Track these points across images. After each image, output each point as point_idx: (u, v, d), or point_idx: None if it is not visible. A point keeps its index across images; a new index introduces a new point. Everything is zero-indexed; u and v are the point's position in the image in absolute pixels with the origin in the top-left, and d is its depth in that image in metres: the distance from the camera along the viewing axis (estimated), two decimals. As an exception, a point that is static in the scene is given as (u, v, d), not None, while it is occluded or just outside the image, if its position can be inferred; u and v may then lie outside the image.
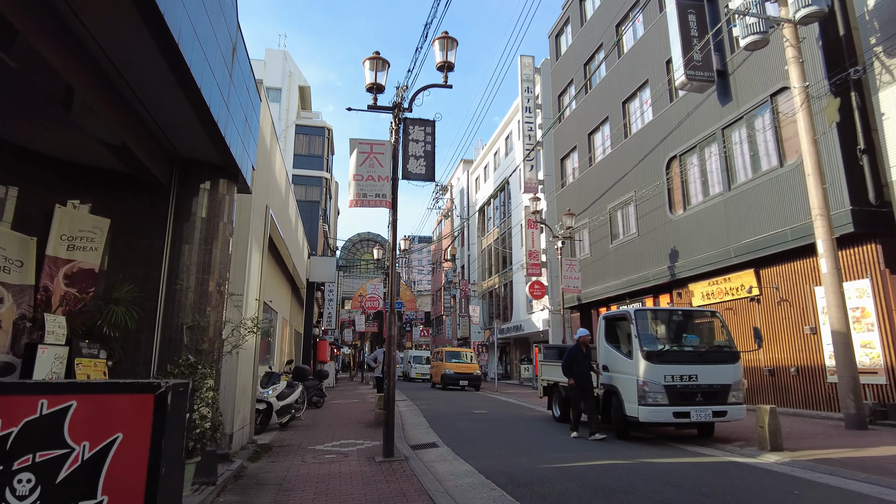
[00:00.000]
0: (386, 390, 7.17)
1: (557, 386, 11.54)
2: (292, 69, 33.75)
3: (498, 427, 10.82)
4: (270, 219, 10.04)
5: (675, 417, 8.21)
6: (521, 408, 15.05)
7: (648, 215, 18.42)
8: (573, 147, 24.72)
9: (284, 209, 12.87)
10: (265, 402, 10.08)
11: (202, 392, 5.05)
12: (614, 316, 9.78)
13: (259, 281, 9.29)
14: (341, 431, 10.26)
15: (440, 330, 53.92)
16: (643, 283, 18.32)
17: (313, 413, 13.72)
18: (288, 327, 18.10)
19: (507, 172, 33.82)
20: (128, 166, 5.70)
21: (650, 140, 18.52)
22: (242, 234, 8.26)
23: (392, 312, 7.46)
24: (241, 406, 8.21)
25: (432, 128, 8.24)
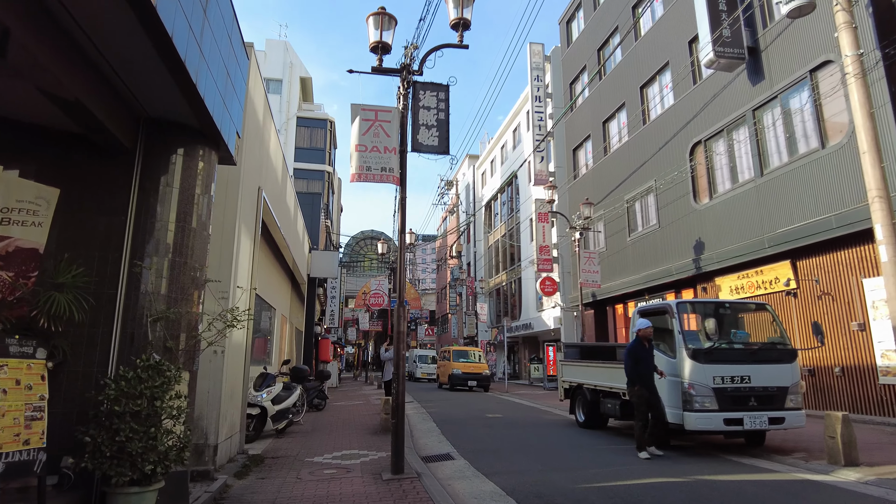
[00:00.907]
0: (394, 395, 6.12)
1: (581, 388, 10.48)
2: (293, 60, 32.76)
3: (518, 434, 9.76)
4: (263, 202, 9.01)
5: (726, 425, 7.14)
6: (538, 411, 13.99)
7: (670, 205, 17.32)
8: (586, 136, 23.63)
9: (281, 196, 11.84)
10: (259, 406, 9.06)
11: (165, 401, 4.00)
12: (650, 310, 8.72)
13: (250, 270, 8.27)
14: (344, 439, 9.22)
15: (445, 329, 52.87)
16: (665, 277, 17.22)
17: (314, 417, 12.70)
18: (288, 325, 17.08)
19: (514, 166, 32.74)
20: (81, 125, 4.67)
21: (671, 125, 17.42)
22: (230, 215, 7.24)
23: (400, 305, 6.42)
24: (228, 412, 7.18)
25: (446, 93, 7.19)
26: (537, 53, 27.42)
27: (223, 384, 6.84)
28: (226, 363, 6.90)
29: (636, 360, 7.53)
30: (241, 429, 8.03)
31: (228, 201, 7.29)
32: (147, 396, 3.85)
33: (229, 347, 7.07)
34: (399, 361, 6.26)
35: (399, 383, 6.18)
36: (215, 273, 6.90)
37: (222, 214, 7.19)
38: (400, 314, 6.39)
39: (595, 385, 9.96)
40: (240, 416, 7.96)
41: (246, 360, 8.12)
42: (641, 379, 7.53)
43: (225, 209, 7.24)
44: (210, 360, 6.77)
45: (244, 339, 7.97)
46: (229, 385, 7.18)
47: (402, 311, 6.38)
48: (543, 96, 26.85)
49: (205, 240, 5.45)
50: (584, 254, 15.88)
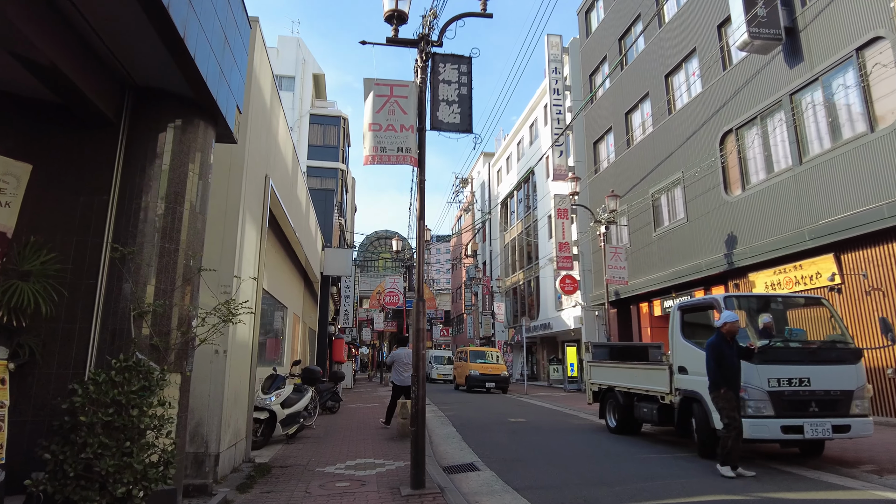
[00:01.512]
0: (414, 401, 5.45)
1: (613, 391, 9.74)
2: (306, 57, 32.29)
3: (546, 441, 9.05)
4: (271, 191, 8.40)
5: (784, 433, 6.37)
6: (563, 415, 13.24)
7: (699, 198, 16.48)
8: (608, 129, 22.82)
9: (291, 188, 11.25)
10: (267, 410, 8.45)
11: (146, 409, 3.36)
12: (694, 305, 7.96)
13: (256, 263, 7.66)
14: (358, 446, 8.58)
15: (460, 329, 52.15)
16: (694, 273, 16.38)
17: (327, 420, 12.09)
18: (300, 324, 16.53)
19: (531, 162, 31.95)
20: (58, 94, 4.08)
21: (699, 114, 16.59)
22: (233, 201, 6.63)
23: (420, 299, 5.75)
24: (232, 418, 6.57)
25: (468, 66, 6.51)
26: (555, 45, 26.63)
27: (226, 387, 6.23)
28: (229, 364, 6.29)
29: (719, 360, 6.30)
30: (248, 435, 7.42)
31: (231, 187, 6.69)
32: (123, 404, 3.22)
33: (233, 347, 6.46)
34: (419, 362, 5.58)
35: (419, 387, 5.51)
36: (216, 265, 6.30)
37: (224, 201, 6.59)
38: (419, 309, 5.73)
39: (629, 388, 9.22)
40: (246, 422, 7.35)
41: (252, 361, 7.50)
42: (727, 381, 6.27)
43: (227, 195, 6.64)
44: (211, 360, 6.17)
45: (250, 337, 7.36)
46: (233, 388, 6.57)
47: (420, 307, 5.72)
48: (562, 89, 26.05)
49: (200, 225, 4.83)
50: (610, 249, 15.10)
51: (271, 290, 11.19)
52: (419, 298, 5.75)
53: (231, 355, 6.40)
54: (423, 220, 5.99)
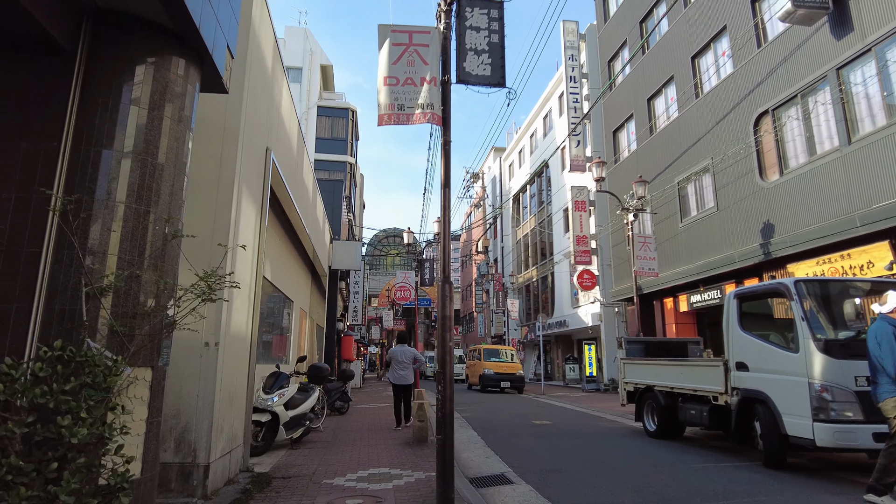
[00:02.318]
0: (440, 403, 4.51)
1: (652, 391, 8.77)
2: (313, 47, 31.46)
3: (579, 447, 8.09)
4: (273, 167, 7.50)
5: (877, 441, 5.37)
6: (590, 417, 12.27)
7: (731, 185, 15.44)
8: (628, 116, 21.79)
9: (296, 168, 10.36)
10: (268, 412, 7.55)
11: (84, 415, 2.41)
12: (755, 292, 6.98)
13: (256, 245, 6.76)
14: (371, 451, 7.66)
15: (471, 328, 51.20)
16: (725, 265, 15.34)
17: (336, 421, 11.19)
18: (308, 320, 15.65)
19: (546, 154, 30.97)
20: (-7, 10, 3.17)
21: (730, 96, 15.55)
22: (227, 171, 5.74)
23: (446, 280, 4.82)
24: (226, 422, 5.66)
25: (499, 11, 5.57)
26: (571, 32, 25.63)
27: (218, 386, 5.33)
28: (221, 359, 5.39)
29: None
30: (246, 441, 6.52)
31: (226, 153, 5.79)
32: (50, 408, 2.30)
33: (226, 339, 5.56)
34: (445, 356, 4.64)
35: (446, 386, 4.57)
36: (207, 244, 5.41)
37: (217, 168, 5.70)
38: (445, 293, 4.79)
39: (672, 387, 8.25)
40: (243, 426, 6.45)
41: (251, 356, 6.60)
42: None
43: (221, 162, 5.74)
44: (200, 354, 5.27)
45: (248, 328, 6.46)
46: (227, 387, 5.67)
47: (447, 289, 4.78)
48: (579, 76, 25.05)
49: (178, 184, 3.92)
50: (639, 238, 14.10)
51: (276, 282, 10.31)
52: (445, 279, 4.81)
53: (225, 349, 5.50)
54: (448, 187, 5.06)
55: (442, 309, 4.75)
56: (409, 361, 10.24)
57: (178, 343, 5.25)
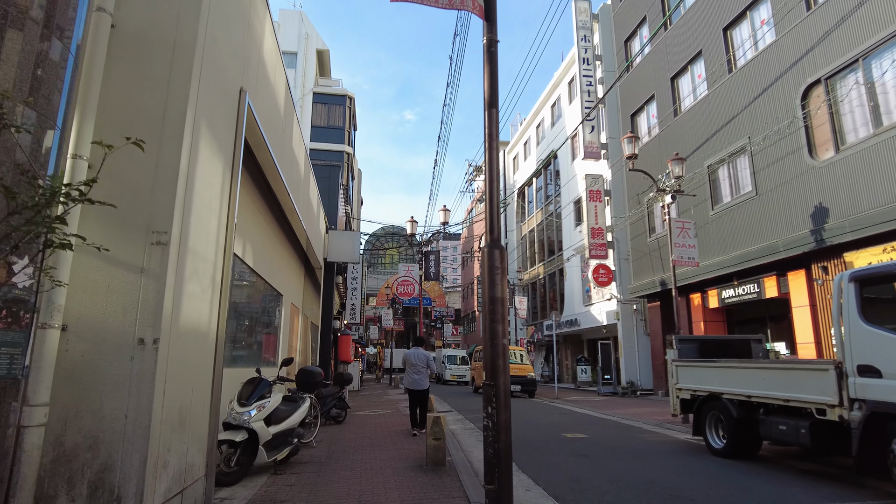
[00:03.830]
0: (490, 435, 2.88)
1: (719, 400, 7.15)
2: (309, 31, 29.84)
3: (640, 473, 6.46)
4: (250, 115, 5.87)
5: None
6: (626, 427, 10.64)
7: (772, 166, 13.84)
8: (648, 98, 20.19)
9: (284, 133, 8.73)
10: (244, 429, 5.90)
11: None
12: (881, 274, 5.33)
13: (224, 211, 5.11)
14: (375, 479, 6.02)
15: (472, 328, 49.60)
16: (767, 255, 13.75)
17: (331, 433, 9.56)
18: (300, 317, 14.00)
19: (554, 144, 29.37)
20: None
21: (772, 68, 13.96)
22: (176, 97, 4.12)
23: (495, 244, 3.20)
24: (172, 451, 4.01)
25: None
26: (584, 11, 24.05)
27: (159, 401, 3.69)
28: (166, 362, 3.76)
29: None
30: (209, 472, 4.86)
31: (176, 77, 4.16)
32: None
33: (173, 333, 3.92)
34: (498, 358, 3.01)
35: (499, 408, 2.95)
36: (145, 197, 3.81)
37: (162, 95, 4.07)
38: (492, 262, 3.17)
39: (749, 396, 6.62)
40: (205, 452, 4.80)
41: (217, 358, 4.95)
42: None
43: (169, 88, 4.10)
44: (131, 356, 3.63)
45: (211, 320, 4.82)
46: (176, 401, 4.03)
47: (497, 257, 3.16)
48: (592, 58, 23.46)
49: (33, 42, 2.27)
50: (677, 223, 12.48)
51: (260, 270, 8.67)
52: (492, 243, 3.19)
53: (172, 348, 3.87)
54: (496, 107, 3.43)
55: (490, 287, 3.13)
56: (424, 365, 9.58)
57: (95, 339, 3.61)
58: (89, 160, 3.76)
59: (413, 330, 51.21)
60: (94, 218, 3.72)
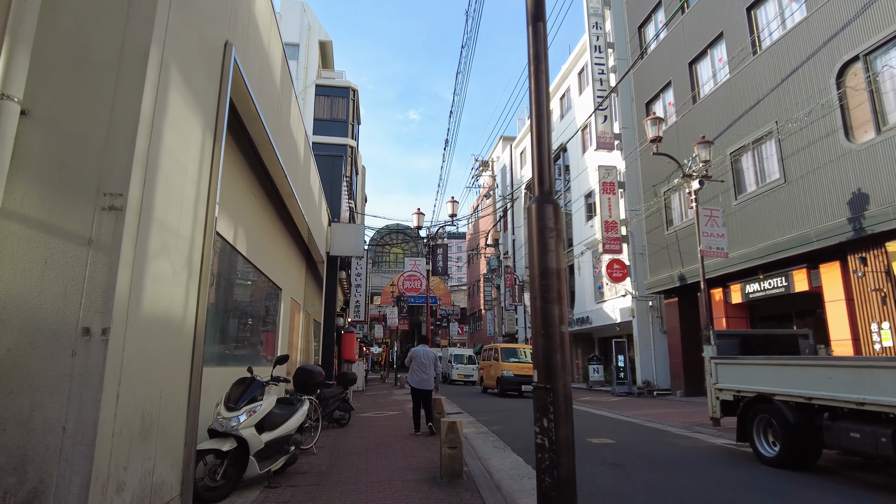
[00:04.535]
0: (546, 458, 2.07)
1: (770, 402, 6.32)
2: (311, 22, 29.10)
3: (682, 485, 5.64)
4: (237, 73, 5.07)
5: None
6: (654, 431, 9.81)
7: (803, 151, 12.98)
8: (664, 84, 19.33)
9: (280, 107, 7.94)
10: (232, 437, 5.11)
11: None
12: None
13: (207, 181, 4.33)
14: (382, 492, 5.23)
15: (478, 326, 48.77)
16: (797, 246, 12.88)
17: (334, 437, 8.77)
18: (301, 314, 13.23)
19: (563, 137, 28.51)
20: None
21: (801, 47, 13.10)
22: (136, 37, 3.31)
23: (546, 198, 2.38)
24: (129, 469, 3.22)
25: None
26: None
27: (109, 407, 2.90)
28: (120, 358, 2.97)
29: None
30: (185, 490, 4.08)
31: (137, 10, 3.35)
32: None
33: (131, 322, 3.13)
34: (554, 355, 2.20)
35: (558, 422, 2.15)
36: (94, 145, 3.02)
37: (119, 33, 3.28)
38: (546, 223, 2.36)
39: (810, 398, 5.79)
40: (181, 466, 4.01)
41: (195, 353, 4.17)
42: None
43: (128, 24, 3.31)
44: (73, 351, 2.86)
45: (186, 308, 4.03)
46: (137, 407, 3.24)
47: (549, 214, 2.36)
48: (604, 46, 22.60)
49: None
50: (704, 211, 11.63)
51: (254, 259, 7.89)
52: (542, 197, 2.39)
53: (126, 340, 3.07)
54: (542, 21, 2.63)
55: (541, 255, 2.34)
56: (431, 364, 9.30)
57: (25, 329, 2.83)
58: (22, 103, 2.97)
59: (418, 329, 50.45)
60: (28, 175, 2.93)
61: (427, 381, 9.16)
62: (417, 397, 9.29)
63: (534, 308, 2.36)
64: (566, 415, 2.20)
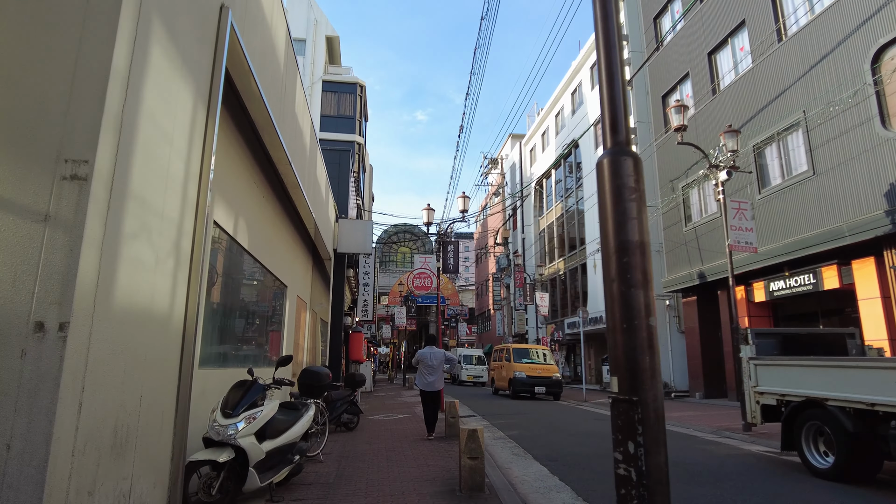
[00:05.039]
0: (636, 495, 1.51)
1: (823, 408, 5.72)
2: (318, 17, 28.63)
3: (738, 501, 5.05)
4: (234, 40, 4.54)
5: None
6: (684, 437, 9.21)
7: (834, 141, 12.34)
8: (682, 76, 18.70)
9: (285, 95, 7.42)
10: (230, 446, 4.57)
11: None
12: None
13: (199, 158, 3.79)
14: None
15: (487, 327, 48.18)
16: (828, 241, 12.24)
17: (342, 442, 8.23)
18: (307, 313, 12.71)
19: (576, 133, 27.90)
20: None
21: (832, 32, 12.46)
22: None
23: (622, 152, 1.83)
24: (96, 490, 2.68)
25: None
26: (608, -12, 22.52)
27: (69, 419, 2.37)
28: (78, 359, 2.43)
29: None
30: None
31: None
32: None
33: (103, 316, 2.60)
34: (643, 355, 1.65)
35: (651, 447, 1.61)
36: (54, 106, 2.48)
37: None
38: (621, 182, 1.81)
39: (871, 404, 5.19)
40: (167, 484, 3.48)
41: (184, 353, 3.64)
42: None
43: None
44: (23, 351, 2.31)
45: (174, 296, 3.50)
46: (107, 418, 2.70)
47: (632, 169, 1.80)
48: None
49: None
50: (732, 203, 11.01)
51: (257, 253, 7.36)
52: (617, 149, 1.84)
53: (92, 337, 2.53)
54: None
55: (618, 223, 1.78)
56: (439, 365, 9.08)
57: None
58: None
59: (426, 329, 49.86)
60: None
61: (434, 383, 8.98)
62: (427, 400, 9.04)
63: (609, 295, 1.81)
64: (658, 437, 1.66)
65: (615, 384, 1.74)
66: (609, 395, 1.80)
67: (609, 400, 1.99)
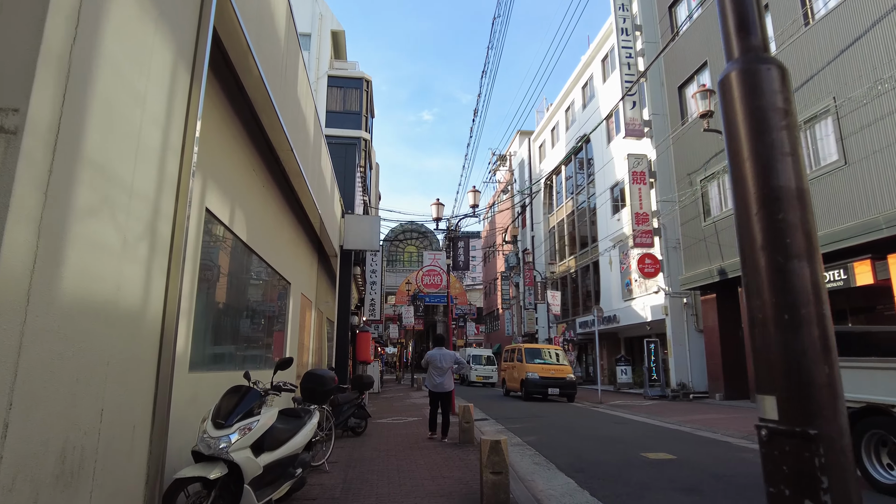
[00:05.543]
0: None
1: (890, 415, 5.09)
2: (323, 11, 28.16)
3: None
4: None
5: None
6: (712, 443, 8.59)
7: (866, 129, 11.66)
8: (699, 66, 18.02)
9: (287, 76, 6.86)
10: (222, 461, 4.00)
11: None
12: None
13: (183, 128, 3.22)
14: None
15: (496, 326, 47.56)
16: (861, 234, 11.56)
17: (349, 449, 7.67)
18: (313, 311, 12.16)
19: (587, 127, 27.24)
20: None
21: (864, 13, 11.78)
22: None
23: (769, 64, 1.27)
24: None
25: None
26: (621, -23, 21.90)
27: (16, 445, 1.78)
28: (4, 367, 1.85)
29: None
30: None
31: None
32: None
33: (43, 310, 2.00)
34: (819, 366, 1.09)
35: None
36: None
37: None
38: (759, 102, 1.26)
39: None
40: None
41: (161, 356, 3.07)
42: None
43: None
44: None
45: (148, 289, 2.93)
46: (53, 439, 2.13)
47: (779, 83, 1.24)
48: (631, 28, 21.33)
49: None
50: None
51: (256, 247, 6.80)
52: (753, 56, 1.32)
53: (25, 337, 1.96)
54: None
55: (763, 167, 1.18)
56: (448, 366, 8.98)
57: None
58: None
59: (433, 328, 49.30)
60: None
61: (444, 384, 8.96)
62: (436, 401, 9.05)
63: (752, 270, 1.20)
64: (851, 494, 1.06)
65: (769, 406, 1.15)
66: (761, 423, 1.20)
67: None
